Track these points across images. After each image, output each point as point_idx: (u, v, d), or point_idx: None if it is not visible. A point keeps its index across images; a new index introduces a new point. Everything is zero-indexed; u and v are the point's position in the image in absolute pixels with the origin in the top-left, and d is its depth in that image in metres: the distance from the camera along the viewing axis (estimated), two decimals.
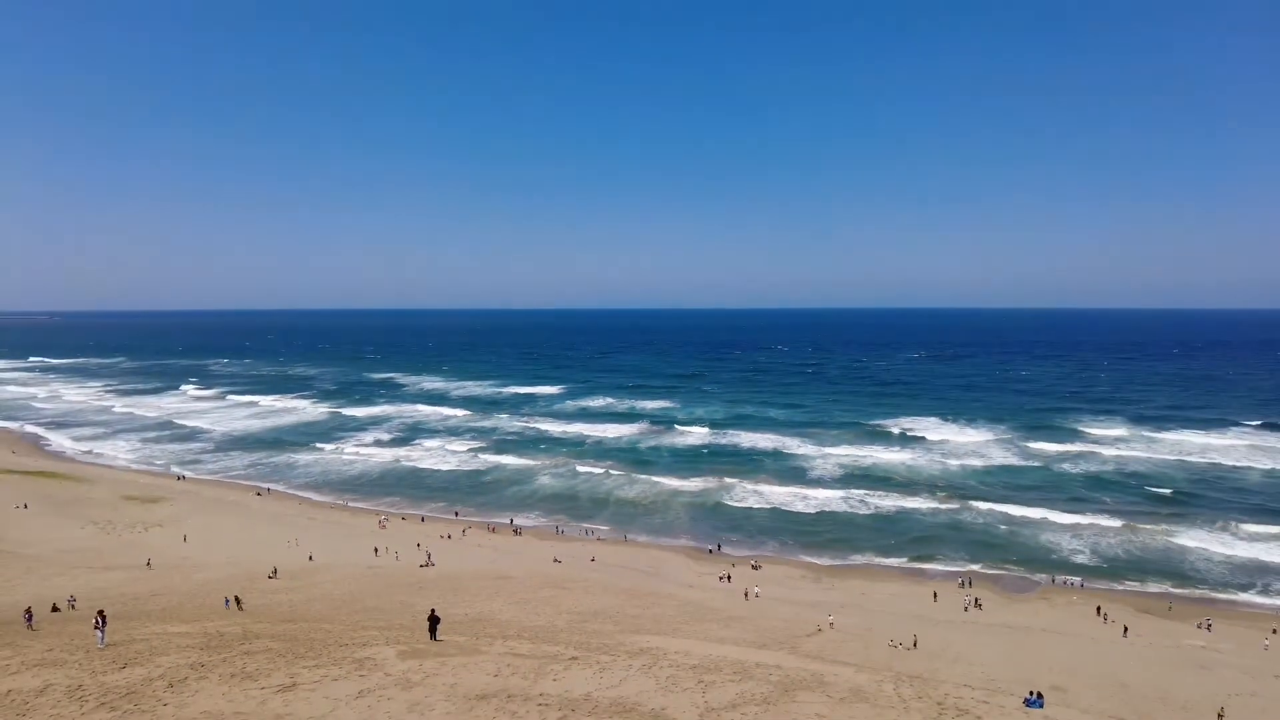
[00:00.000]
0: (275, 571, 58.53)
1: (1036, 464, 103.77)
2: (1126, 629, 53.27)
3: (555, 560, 68.03)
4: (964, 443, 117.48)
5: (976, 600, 59.48)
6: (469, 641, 32.23)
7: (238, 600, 45.20)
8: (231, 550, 68.81)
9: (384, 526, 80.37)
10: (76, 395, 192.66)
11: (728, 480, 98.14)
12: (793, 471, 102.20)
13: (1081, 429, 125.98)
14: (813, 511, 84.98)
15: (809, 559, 71.94)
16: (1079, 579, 64.88)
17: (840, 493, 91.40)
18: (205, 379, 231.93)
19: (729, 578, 64.79)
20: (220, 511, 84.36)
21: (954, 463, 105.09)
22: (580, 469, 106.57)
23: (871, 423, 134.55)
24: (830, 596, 60.83)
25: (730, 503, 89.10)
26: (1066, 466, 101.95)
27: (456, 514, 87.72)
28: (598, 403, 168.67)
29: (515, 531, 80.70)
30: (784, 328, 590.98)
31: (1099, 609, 57.25)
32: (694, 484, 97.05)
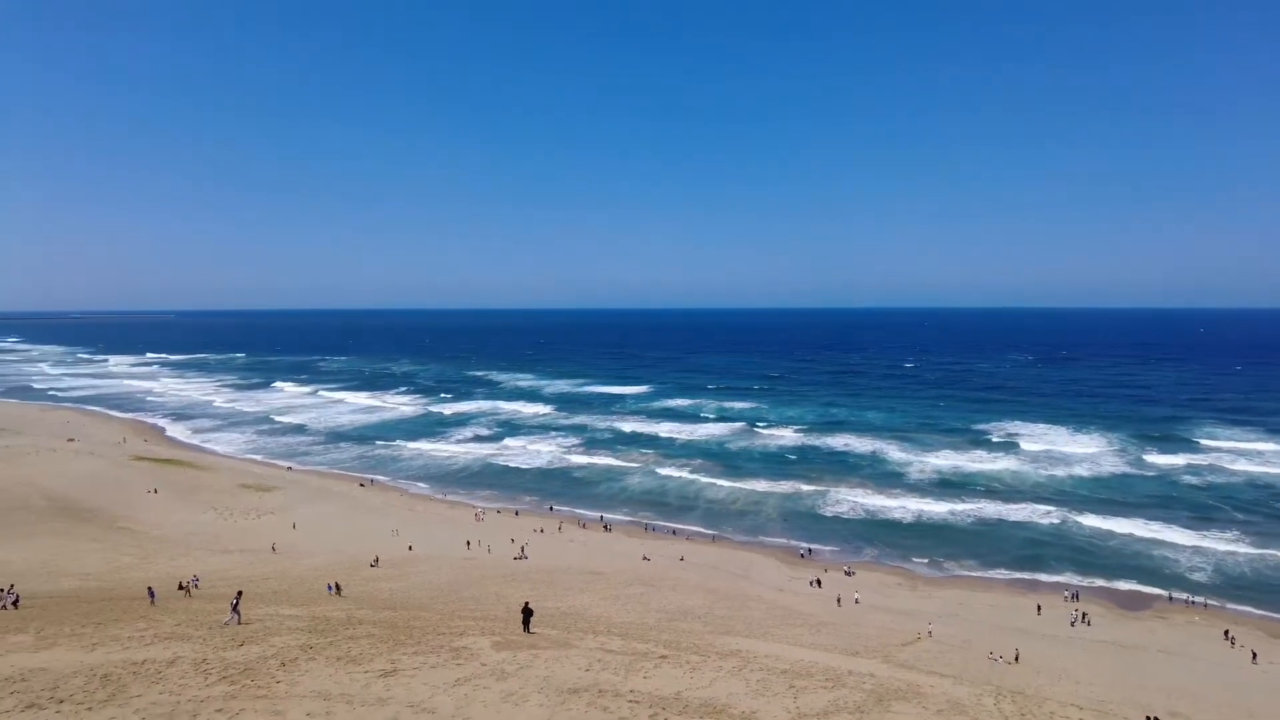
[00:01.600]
0: (377, 560, 61.02)
1: (1153, 475, 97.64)
2: (1256, 655, 49.47)
3: (644, 558, 68.39)
4: (1074, 451, 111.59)
5: (1085, 615, 56.45)
6: (561, 635, 32.75)
7: (338, 586, 47.32)
8: (337, 539, 72.16)
9: (480, 519, 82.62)
10: (192, 390, 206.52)
11: (821, 484, 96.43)
12: (889, 476, 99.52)
13: (1206, 439, 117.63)
14: (910, 518, 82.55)
15: (905, 566, 69.93)
16: (1201, 598, 60.63)
17: (939, 499, 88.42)
18: (315, 375, 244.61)
19: (820, 583, 63.66)
20: (326, 501, 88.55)
21: (1062, 471, 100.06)
22: (669, 468, 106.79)
23: (974, 428, 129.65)
24: (926, 606, 58.94)
25: (823, 507, 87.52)
26: (1188, 479, 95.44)
27: (551, 509, 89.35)
28: (685, 402, 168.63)
29: (605, 528, 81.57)
30: (877, 327, 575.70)
31: (1226, 632, 53.37)
32: (785, 486, 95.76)
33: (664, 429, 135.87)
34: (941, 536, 76.88)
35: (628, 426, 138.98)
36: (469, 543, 71.72)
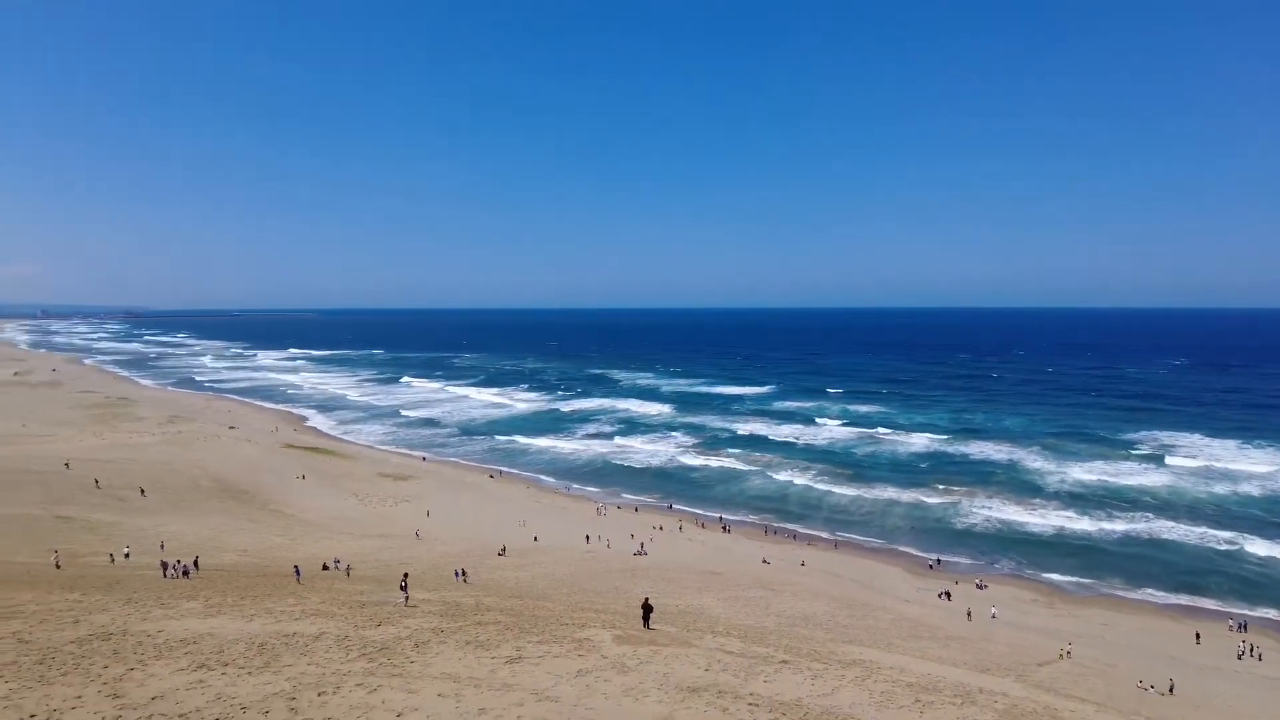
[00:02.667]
0: (504, 550, 63.22)
1: None
2: None
3: (764, 561, 67.60)
4: (1242, 468, 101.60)
5: (1254, 648, 51.31)
6: (680, 633, 32.86)
7: (464, 573, 49.29)
8: (467, 527, 75.29)
9: (602, 514, 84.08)
10: (332, 383, 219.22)
11: (952, 492, 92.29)
12: (1027, 487, 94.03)
13: None
14: (1049, 532, 77.75)
15: (1042, 582, 65.91)
16: None
17: (1082, 513, 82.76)
18: (448, 371, 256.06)
19: (949, 595, 60.92)
20: (458, 491, 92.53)
21: (1226, 489, 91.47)
22: (790, 471, 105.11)
23: (1124, 437, 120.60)
24: (1065, 625, 55.28)
25: (954, 516, 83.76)
26: None
27: (670, 507, 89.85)
28: (807, 404, 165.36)
29: (724, 529, 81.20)
30: (1016, 329, 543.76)
31: None
32: (914, 494, 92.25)
33: (785, 431, 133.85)
34: (1084, 553, 71.92)
35: (747, 427, 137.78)
36: (589, 537, 73.10)
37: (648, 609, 33.69)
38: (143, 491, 74.84)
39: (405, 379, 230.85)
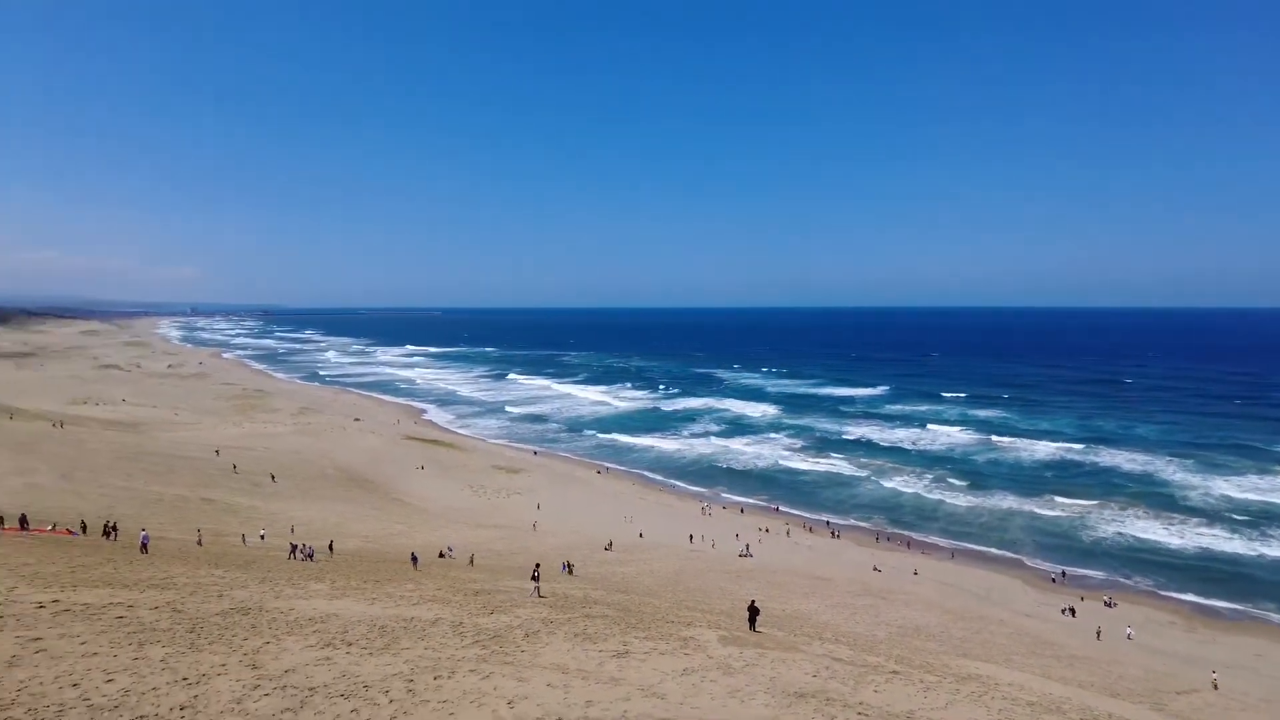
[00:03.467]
0: (611, 544, 64.07)
1: None
2: None
3: (875, 569, 65.74)
4: None
5: None
6: (787, 637, 32.36)
7: (570, 566, 50.20)
8: (576, 520, 76.77)
9: (706, 514, 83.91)
10: (448, 379, 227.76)
11: (1079, 503, 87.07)
12: (1165, 500, 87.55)
13: None
14: (1190, 549, 72.16)
15: (1181, 603, 61.22)
16: None
17: (1233, 531, 76.32)
18: (559, 369, 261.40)
19: (1074, 611, 57.49)
20: (568, 485, 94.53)
21: None
22: (903, 476, 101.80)
23: (1278, 449, 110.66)
24: (1209, 652, 51.12)
25: (1080, 528, 78.99)
26: None
27: (777, 509, 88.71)
28: (921, 407, 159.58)
29: (833, 534, 79.49)
30: (1147, 330, 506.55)
31: None
32: (1036, 503, 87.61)
33: (898, 435, 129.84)
34: (1230, 574, 66.30)
35: (857, 431, 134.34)
36: (693, 536, 73.10)
37: (754, 611, 33.36)
38: (273, 477, 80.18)
39: (511, 375, 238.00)
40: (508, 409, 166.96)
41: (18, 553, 31.06)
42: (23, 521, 44.14)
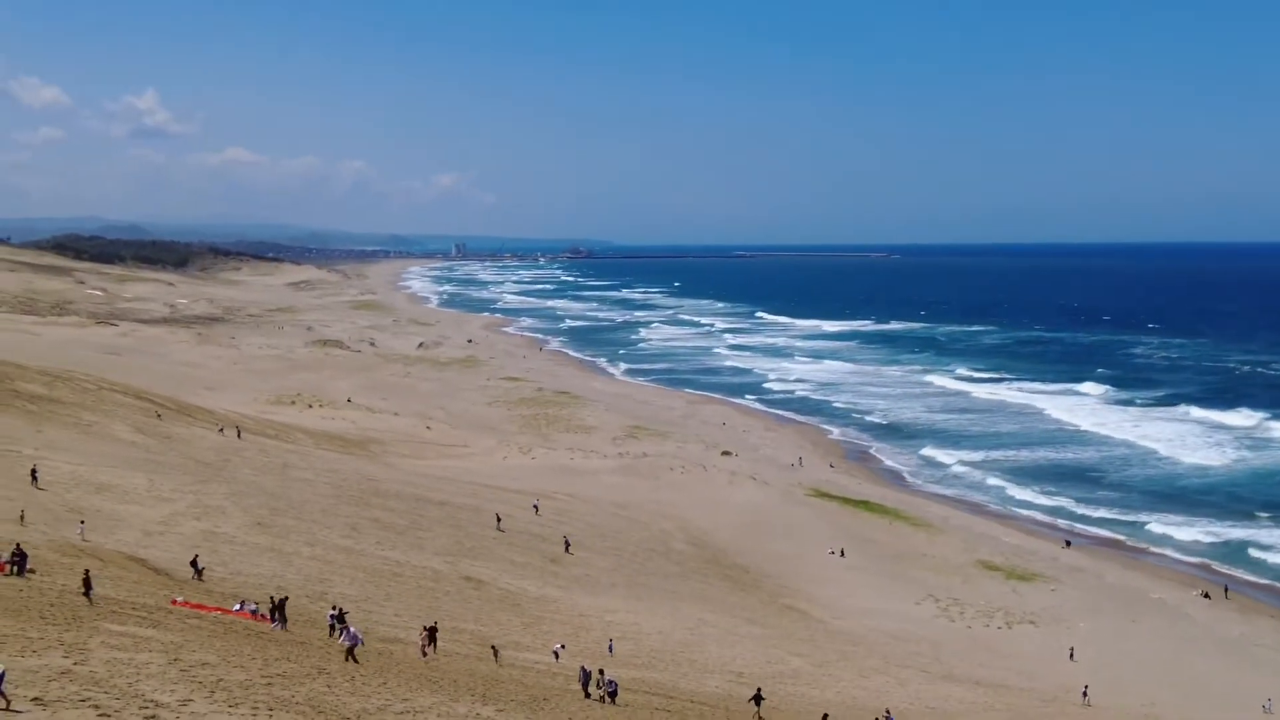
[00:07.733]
0: None
1: None
2: None
3: None
4: None
5: None
6: None
7: None
8: (1148, 689, 37.93)
9: None
10: (891, 375, 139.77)
11: None
12: None
13: None
14: None
15: None
16: None
17: None
18: (1125, 373, 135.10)
19: None
20: (1130, 614, 51.12)
21: None
22: None
23: None
24: None
25: None
26: None
27: None
28: None
29: None
30: None
31: None
32: None
33: None
34: None
35: None
36: None
37: None
38: (567, 546, 50.37)
39: (1028, 382, 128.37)
40: (1014, 444, 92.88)
41: (194, 641, 18.41)
42: (196, 567, 29.07)
